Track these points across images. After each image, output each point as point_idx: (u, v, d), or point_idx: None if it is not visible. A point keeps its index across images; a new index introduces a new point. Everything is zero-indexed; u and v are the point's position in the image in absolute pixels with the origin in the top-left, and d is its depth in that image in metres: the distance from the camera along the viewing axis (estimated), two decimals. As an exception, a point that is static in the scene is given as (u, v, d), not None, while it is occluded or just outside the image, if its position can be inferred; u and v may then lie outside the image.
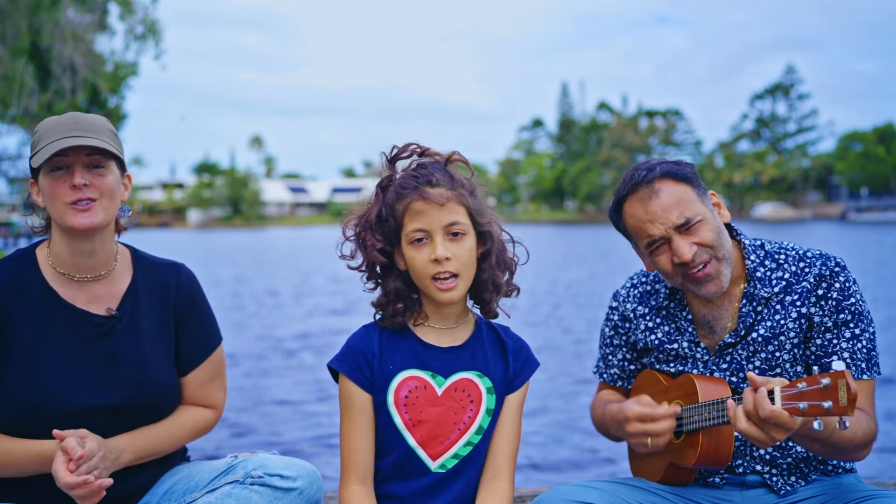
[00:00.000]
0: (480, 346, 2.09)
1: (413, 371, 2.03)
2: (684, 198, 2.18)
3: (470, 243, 1.99)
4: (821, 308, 2.19)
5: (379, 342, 2.06)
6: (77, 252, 2.19)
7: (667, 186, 2.19)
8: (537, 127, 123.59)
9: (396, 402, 2.02)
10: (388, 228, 2.00)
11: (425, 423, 2.01)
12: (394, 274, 2.04)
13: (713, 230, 2.18)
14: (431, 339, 2.06)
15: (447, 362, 2.05)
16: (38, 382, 2.12)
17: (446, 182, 1.98)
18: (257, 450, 2.39)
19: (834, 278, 2.20)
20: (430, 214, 1.95)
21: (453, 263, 1.95)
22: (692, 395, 2.18)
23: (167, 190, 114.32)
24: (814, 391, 1.76)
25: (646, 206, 2.19)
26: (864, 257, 27.32)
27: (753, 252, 2.28)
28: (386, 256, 2.02)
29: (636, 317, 2.43)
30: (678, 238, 2.16)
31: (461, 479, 2.04)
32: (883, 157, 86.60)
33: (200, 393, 2.37)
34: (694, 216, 2.16)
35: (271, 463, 2.21)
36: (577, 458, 6.62)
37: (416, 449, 2.01)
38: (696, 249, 2.16)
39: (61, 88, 24.62)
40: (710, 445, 2.12)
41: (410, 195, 1.96)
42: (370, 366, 2.03)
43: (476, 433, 2.04)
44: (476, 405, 2.04)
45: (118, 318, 2.23)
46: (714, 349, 2.28)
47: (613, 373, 2.51)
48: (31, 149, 2.19)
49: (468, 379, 2.05)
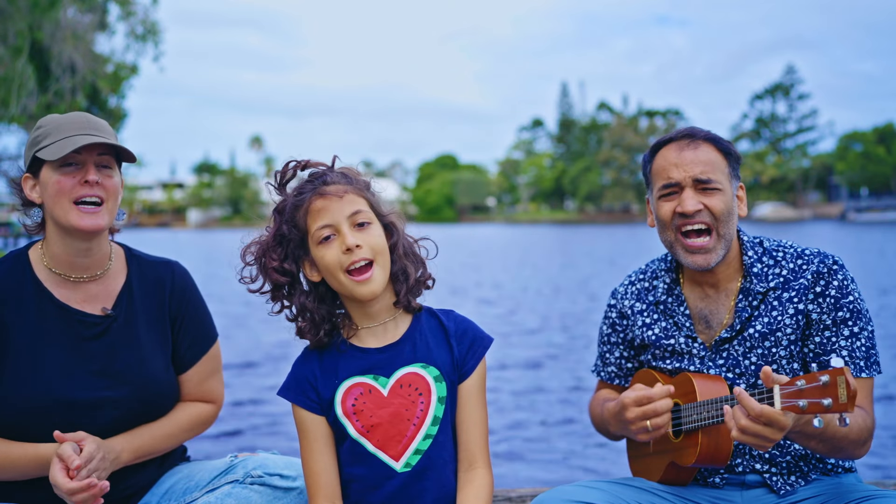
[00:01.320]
0: (420, 336, 2.07)
1: (355, 378, 2.02)
2: (717, 164, 2.25)
3: (377, 231, 1.99)
4: (819, 305, 2.20)
5: (319, 361, 2.06)
6: (74, 251, 2.18)
7: (707, 147, 2.26)
8: (537, 127, 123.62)
9: (345, 412, 2.01)
10: (292, 243, 2.00)
11: (378, 426, 2.00)
12: (298, 291, 2.03)
13: (726, 205, 2.23)
14: (369, 342, 2.05)
15: (387, 361, 2.03)
16: (35, 384, 2.11)
17: (340, 178, 2.01)
18: (257, 449, 2.39)
19: (832, 276, 2.20)
20: (331, 209, 1.95)
21: (365, 250, 1.94)
22: (690, 393, 2.18)
23: (167, 190, 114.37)
24: (813, 389, 1.76)
25: (680, 152, 2.26)
26: (864, 258, 27.31)
27: (752, 248, 2.30)
28: (286, 275, 2.01)
29: (634, 313, 2.43)
30: (690, 190, 2.23)
31: (430, 475, 2.01)
32: (883, 157, 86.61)
33: (200, 389, 2.37)
34: (716, 180, 2.22)
35: (271, 462, 2.21)
36: (577, 458, 6.62)
37: (377, 453, 2.00)
38: (702, 209, 2.21)
39: (61, 89, 24.61)
40: (710, 444, 2.12)
41: (308, 197, 1.97)
42: (315, 388, 2.03)
43: (432, 424, 2.02)
44: (426, 396, 2.02)
45: (113, 318, 2.23)
46: (710, 344, 2.28)
47: (611, 371, 2.52)
48: (32, 142, 2.17)
49: (412, 372, 2.03)
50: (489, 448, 2.09)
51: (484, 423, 2.08)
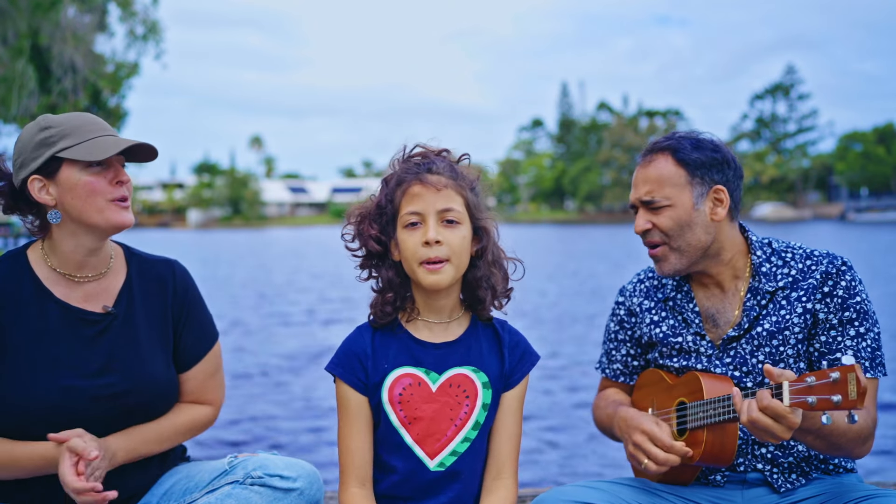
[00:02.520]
0: (475, 341, 2.07)
1: (406, 368, 2.03)
2: (667, 179, 2.25)
3: (464, 232, 1.98)
4: (826, 305, 2.20)
5: (372, 342, 2.05)
6: (85, 250, 2.19)
7: (660, 162, 2.29)
8: (537, 127, 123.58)
9: (391, 399, 2.01)
10: (386, 216, 2.01)
11: (421, 420, 2.00)
12: (387, 264, 2.04)
13: (675, 220, 2.24)
14: (424, 335, 2.05)
15: (441, 358, 2.04)
16: (35, 383, 2.11)
17: (447, 171, 2.00)
18: (257, 450, 2.39)
19: (840, 276, 2.21)
20: (425, 198, 1.95)
21: (444, 249, 1.94)
22: (697, 392, 2.18)
23: (167, 190, 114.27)
24: (823, 385, 1.76)
25: (637, 171, 2.34)
26: (866, 258, 27.30)
27: (760, 248, 2.30)
28: (381, 245, 2.02)
29: (642, 311, 2.44)
30: (641, 210, 2.31)
31: (460, 478, 2.02)
32: (883, 157, 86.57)
33: (199, 389, 2.37)
34: (661, 199, 2.25)
35: (271, 463, 2.20)
36: (577, 458, 6.61)
37: (413, 447, 2.00)
38: (651, 228, 2.28)
39: (63, 89, 24.61)
40: (715, 443, 2.12)
41: (410, 180, 1.98)
42: (364, 367, 2.03)
43: (473, 428, 2.03)
44: (472, 400, 2.03)
45: (114, 316, 2.22)
46: (718, 343, 2.29)
47: (616, 368, 2.52)
48: (42, 143, 2.12)
49: (463, 374, 2.04)
50: (518, 461, 2.10)
51: (517, 436, 2.08)
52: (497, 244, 2.07)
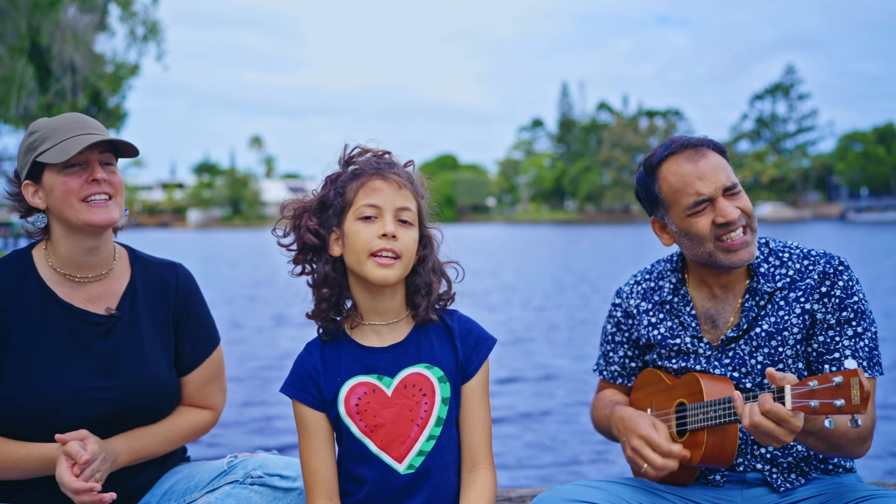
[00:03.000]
0: (425, 337, 2.06)
1: (359, 377, 2.01)
2: (727, 170, 2.25)
3: (414, 234, 2.00)
4: (824, 305, 2.20)
5: (322, 357, 2.05)
6: (81, 251, 2.19)
7: (712, 154, 2.25)
8: (537, 127, 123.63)
9: (349, 411, 2.00)
10: (332, 210, 2.00)
11: (382, 427, 1.99)
12: (324, 259, 2.03)
13: (750, 202, 2.24)
14: (373, 341, 2.04)
15: (391, 361, 2.02)
16: (38, 384, 2.11)
17: (405, 174, 2.03)
18: (257, 450, 2.39)
19: (837, 276, 2.21)
20: (385, 193, 1.96)
21: (398, 244, 1.95)
22: (697, 393, 2.17)
23: (167, 190, 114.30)
24: (825, 389, 1.76)
25: (696, 164, 2.21)
26: (865, 260, 27.31)
27: (758, 249, 2.30)
28: (318, 238, 2.01)
29: (639, 312, 2.43)
30: (724, 199, 2.20)
31: (432, 476, 2.01)
32: (883, 157, 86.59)
33: (200, 393, 2.37)
34: (736, 183, 2.23)
35: (271, 463, 2.21)
36: (577, 457, 6.61)
37: (380, 454, 1.99)
38: (739, 213, 2.20)
39: (62, 89, 24.61)
40: (715, 444, 2.12)
41: (369, 174, 1.99)
42: (316, 384, 2.03)
43: (436, 425, 2.01)
44: (430, 397, 2.02)
45: (118, 318, 2.22)
46: (717, 344, 2.28)
47: (614, 370, 2.52)
48: (28, 148, 2.16)
49: (417, 373, 2.02)
50: (492, 448, 2.09)
51: (487, 423, 2.07)
52: (437, 256, 2.08)
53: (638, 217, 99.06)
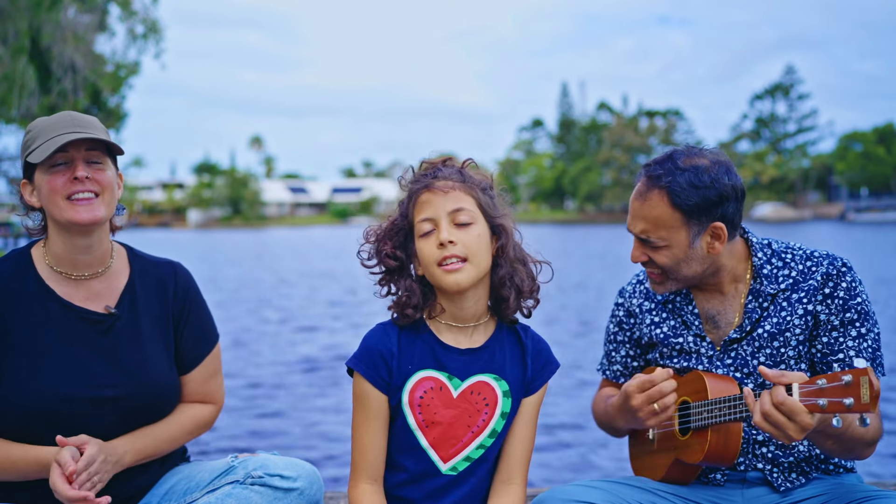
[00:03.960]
0: (500, 348, 2.07)
1: (430, 372, 2.02)
2: (662, 221, 2.19)
3: (478, 230, 1.97)
4: (827, 306, 2.21)
5: (398, 341, 2.04)
6: (75, 249, 2.18)
7: (656, 201, 2.19)
8: (537, 127, 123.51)
9: (411, 402, 2.00)
10: (403, 232, 2.02)
11: (438, 425, 2.00)
12: (406, 275, 2.04)
13: (671, 258, 2.22)
14: (450, 340, 2.04)
15: (465, 364, 2.03)
16: (37, 383, 2.11)
17: (454, 175, 2.01)
18: (258, 450, 2.39)
19: (841, 278, 2.22)
20: (434, 203, 1.96)
21: (459, 248, 1.93)
22: (701, 391, 2.18)
23: (167, 190, 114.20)
24: (835, 388, 1.76)
25: (634, 199, 2.26)
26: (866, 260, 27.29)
27: (760, 250, 2.30)
28: (396, 260, 2.02)
29: (642, 311, 2.45)
30: (636, 242, 2.28)
31: (470, 481, 2.03)
32: (883, 157, 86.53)
33: (201, 390, 2.37)
34: (657, 240, 2.21)
35: (271, 463, 2.21)
36: (577, 458, 6.61)
37: (428, 450, 2.00)
38: (647, 261, 2.26)
39: (63, 90, 24.61)
40: (719, 442, 2.12)
41: (418, 189, 2.00)
42: (388, 366, 2.02)
43: (489, 436, 2.03)
44: (491, 408, 2.03)
45: (117, 316, 2.22)
46: (719, 344, 2.29)
47: (616, 369, 2.53)
48: (23, 148, 2.17)
49: (484, 381, 2.03)
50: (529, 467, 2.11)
51: (530, 442, 2.09)
52: (518, 244, 2.05)
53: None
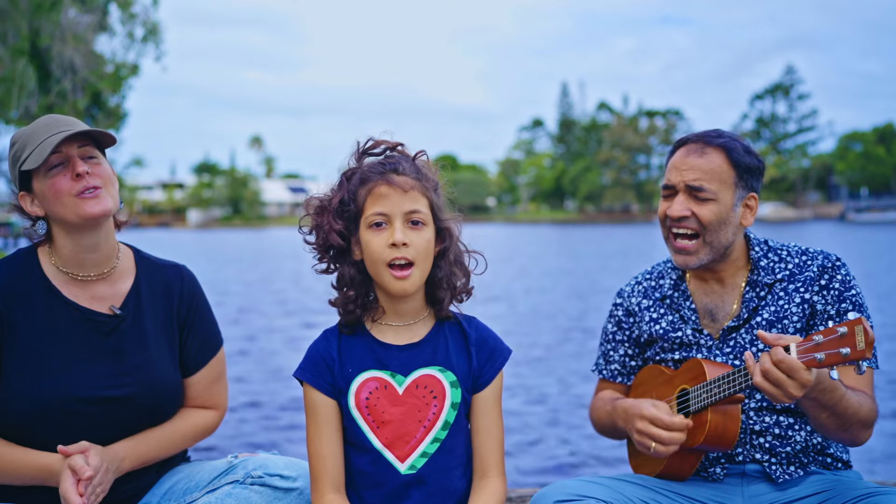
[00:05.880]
0: (442, 340, 2.06)
1: (372, 372, 2.01)
2: (719, 174, 2.28)
3: (429, 235, 1.97)
4: (823, 297, 2.28)
5: (338, 346, 2.04)
6: (82, 248, 2.19)
7: (716, 155, 2.29)
8: (537, 127, 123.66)
9: (358, 404, 1.99)
10: (348, 214, 1.99)
11: (389, 424, 1.99)
12: (348, 261, 2.02)
13: (716, 215, 2.27)
14: (389, 338, 2.04)
15: (406, 360, 2.02)
16: (42, 381, 2.11)
17: (412, 172, 1.99)
18: (257, 450, 2.39)
19: (836, 271, 2.30)
20: (392, 199, 1.94)
21: (410, 251, 1.93)
22: (700, 376, 2.21)
23: (167, 190, 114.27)
24: (830, 341, 1.80)
25: (686, 156, 2.31)
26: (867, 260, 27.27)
27: (758, 245, 2.39)
28: (344, 240, 2.00)
29: (641, 310, 2.49)
30: (682, 195, 2.29)
31: (431, 478, 2.00)
32: (883, 157, 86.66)
33: (205, 394, 2.37)
34: (709, 190, 2.26)
35: (271, 463, 2.21)
36: (577, 457, 6.62)
37: (383, 451, 1.98)
38: (689, 216, 2.28)
39: (63, 90, 24.63)
40: (718, 424, 2.15)
41: (375, 179, 1.96)
42: (331, 371, 2.02)
43: (442, 428, 2.01)
44: (440, 400, 2.01)
45: (122, 318, 2.23)
46: (718, 335, 2.34)
47: (614, 369, 2.56)
48: (13, 161, 2.16)
49: (429, 374, 2.02)
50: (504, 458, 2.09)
51: (499, 433, 2.07)
52: (458, 244, 2.06)
53: (638, 217, 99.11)
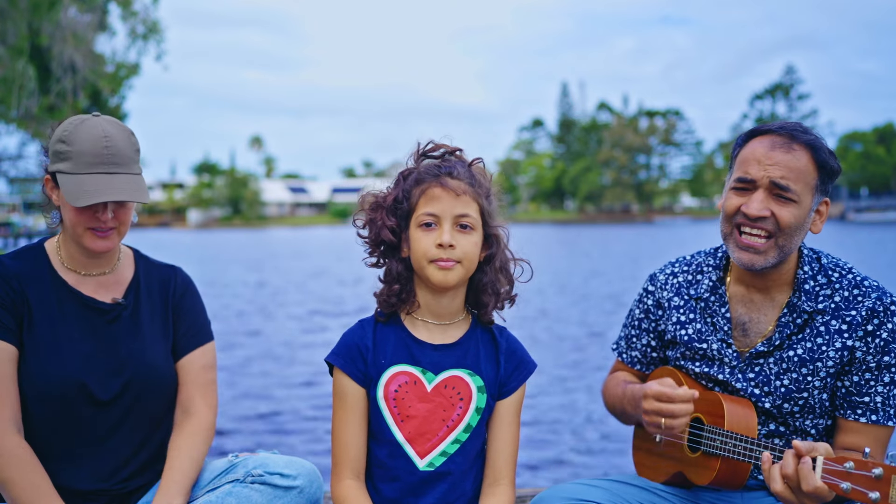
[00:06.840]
0: (473, 345, 2.09)
1: (403, 366, 2.04)
2: (804, 174, 2.09)
3: (475, 239, 2.01)
4: (866, 344, 2.11)
5: (373, 336, 2.07)
6: (86, 255, 2.28)
7: (802, 153, 2.09)
8: (537, 127, 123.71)
9: (386, 396, 2.02)
10: (401, 212, 2.03)
11: (413, 419, 2.02)
12: (397, 257, 2.06)
13: (795, 218, 2.08)
14: (424, 335, 2.07)
15: (438, 359, 2.05)
16: (52, 366, 2.16)
17: (466, 177, 2.03)
18: (258, 449, 2.40)
19: (888, 318, 2.11)
20: (444, 201, 1.98)
21: (456, 252, 1.97)
22: (718, 416, 2.11)
23: (167, 190, 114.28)
24: (862, 476, 1.69)
25: (770, 150, 2.10)
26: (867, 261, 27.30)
27: (808, 263, 2.20)
28: (395, 237, 2.04)
29: (670, 307, 2.35)
30: (762, 193, 2.09)
31: (448, 479, 2.03)
32: (883, 157, 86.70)
33: (198, 380, 2.36)
34: (794, 191, 2.07)
35: (272, 462, 2.22)
36: (577, 457, 6.62)
37: (404, 445, 2.02)
38: (768, 216, 2.09)
39: (63, 90, 24.63)
40: (727, 472, 2.09)
41: (430, 181, 2.01)
42: (364, 359, 2.05)
43: (464, 431, 2.04)
44: (465, 403, 2.04)
45: (123, 306, 2.30)
46: (744, 355, 2.20)
47: (634, 356, 2.46)
48: (55, 154, 2.17)
49: (458, 376, 2.05)
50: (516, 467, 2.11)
51: (515, 443, 2.10)
52: (505, 251, 2.09)
53: (638, 217, 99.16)
